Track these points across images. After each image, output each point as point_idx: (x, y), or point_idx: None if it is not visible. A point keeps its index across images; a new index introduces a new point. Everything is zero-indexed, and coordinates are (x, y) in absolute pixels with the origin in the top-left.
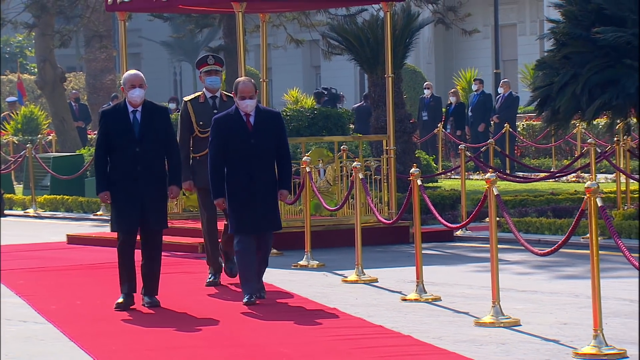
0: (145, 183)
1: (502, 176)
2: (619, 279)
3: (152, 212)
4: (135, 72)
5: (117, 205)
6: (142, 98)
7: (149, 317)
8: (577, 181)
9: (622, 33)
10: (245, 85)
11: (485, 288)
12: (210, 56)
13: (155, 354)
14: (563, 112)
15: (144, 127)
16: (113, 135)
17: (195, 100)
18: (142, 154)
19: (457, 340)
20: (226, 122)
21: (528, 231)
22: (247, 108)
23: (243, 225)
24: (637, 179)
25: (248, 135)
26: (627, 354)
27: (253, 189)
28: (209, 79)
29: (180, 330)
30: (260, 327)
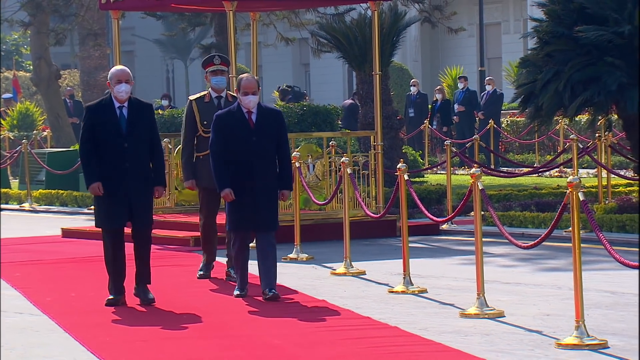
0: (132, 179)
1: (487, 171)
2: (600, 272)
3: (140, 209)
4: (121, 68)
5: (104, 201)
6: (128, 94)
7: (142, 309)
8: (559, 176)
9: (603, 32)
10: (248, 81)
11: (470, 280)
12: (216, 56)
13: (148, 344)
14: (546, 108)
15: (131, 123)
16: (99, 131)
17: (201, 100)
18: (129, 150)
19: (443, 331)
20: (228, 119)
21: (512, 225)
22: (250, 104)
23: (240, 223)
24: (619, 174)
25: (250, 132)
26: (608, 344)
27: (253, 187)
28: (214, 79)
29: (172, 321)
30: (250, 318)
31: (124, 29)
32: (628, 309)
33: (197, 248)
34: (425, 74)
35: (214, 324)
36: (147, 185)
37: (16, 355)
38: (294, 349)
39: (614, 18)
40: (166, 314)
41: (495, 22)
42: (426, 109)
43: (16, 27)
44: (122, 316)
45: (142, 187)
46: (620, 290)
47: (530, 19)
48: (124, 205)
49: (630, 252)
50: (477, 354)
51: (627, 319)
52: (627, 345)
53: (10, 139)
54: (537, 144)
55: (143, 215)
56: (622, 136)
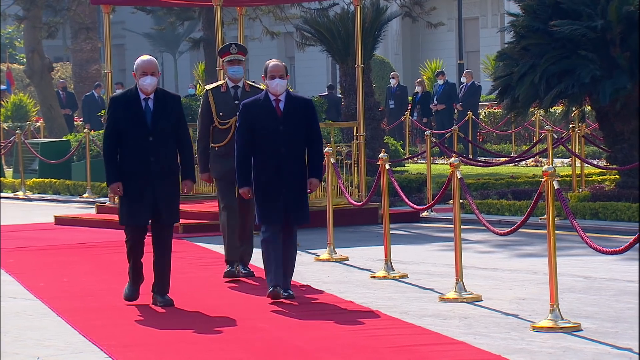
0: (158, 175)
1: (465, 161)
2: (574, 257)
3: (165, 206)
4: (148, 59)
5: (128, 198)
6: (153, 86)
7: (141, 292)
8: (535, 165)
9: (577, 26)
10: (275, 65)
11: (449, 266)
12: (233, 45)
13: (137, 328)
14: (522, 100)
15: (157, 116)
16: (124, 124)
17: (217, 90)
18: (155, 145)
19: (423, 315)
20: (254, 108)
21: (489, 212)
22: (277, 88)
23: (270, 215)
24: (592, 164)
25: (277, 121)
26: (581, 327)
27: (281, 178)
28: (231, 69)
29: (162, 307)
30: (238, 301)
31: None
32: (600, 293)
33: (187, 235)
34: (406, 67)
35: (202, 305)
36: (173, 181)
37: (10, 339)
38: (278, 332)
39: (587, 13)
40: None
41: (473, 16)
42: (406, 101)
43: (10, 21)
44: (114, 301)
45: (167, 183)
46: (593, 275)
47: (507, 13)
48: (148, 202)
49: (602, 239)
50: (456, 337)
51: (599, 302)
52: (600, 328)
53: (5, 130)
54: (513, 134)
55: (168, 213)
56: (595, 127)
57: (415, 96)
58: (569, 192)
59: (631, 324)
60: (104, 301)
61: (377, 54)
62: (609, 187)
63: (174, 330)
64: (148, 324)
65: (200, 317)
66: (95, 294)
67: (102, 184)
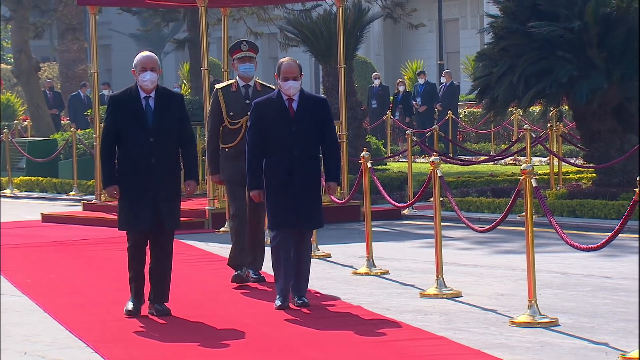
0: (159, 177)
1: (446, 159)
2: (551, 254)
3: (167, 210)
4: (147, 54)
5: (129, 201)
6: (154, 83)
7: (121, 290)
8: (514, 164)
9: (555, 27)
10: (289, 66)
11: (429, 262)
12: (244, 42)
13: (123, 323)
14: (501, 100)
15: (158, 115)
16: (123, 124)
17: (227, 89)
18: (156, 145)
19: (404, 311)
20: (267, 107)
21: (469, 210)
22: (290, 90)
23: (282, 220)
24: (569, 162)
25: (290, 122)
26: (559, 322)
27: (293, 181)
28: (242, 66)
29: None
30: (219, 297)
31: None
32: (577, 289)
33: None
34: (388, 67)
35: (184, 300)
36: (175, 184)
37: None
38: (262, 327)
39: (564, 14)
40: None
41: (453, 18)
42: (388, 101)
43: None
44: (100, 297)
45: (169, 185)
46: (571, 272)
47: (487, 15)
48: (149, 205)
49: (579, 236)
50: (436, 332)
51: (576, 298)
52: (577, 323)
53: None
54: (492, 133)
55: (170, 218)
56: (572, 126)
57: (397, 96)
58: (547, 190)
59: (607, 319)
60: (90, 297)
61: (359, 54)
62: (586, 185)
63: (155, 326)
64: (135, 320)
65: (188, 313)
66: (81, 290)
67: (89, 182)
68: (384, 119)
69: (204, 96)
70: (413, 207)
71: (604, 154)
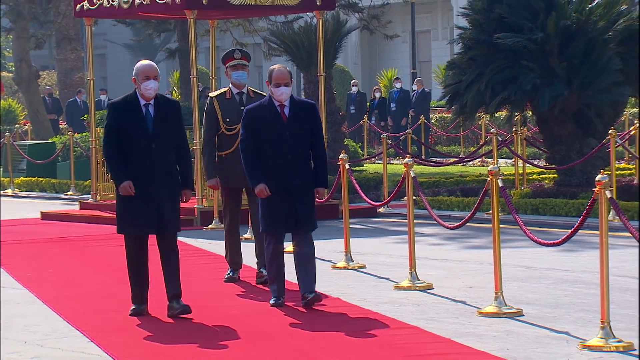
0: (160, 182)
1: (418, 161)
2: (516, 249)
3: (168, 213)
4: (149, 63)
5: (130, 206)
6: (156, 91)
7: (115, 284)
8: (481, 165)
9: (519, 38)
10: (280, 72)
11: (403, 257)
12: (236, 50)
13: (117, 314)
14: (470, 106)
15: (158, 122)
16: (124, 130)
17: (222, 97)
18: (156, 151)
19: (379, 302)
20: (259, 113)
21: (440, 208)
22: (282, 96)
23: (274, 224)
24: (533, 164)
25: (283, 127)
26: (523, 313)
27: (288, 185)
28: (235, 74)
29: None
30: (206, 289)
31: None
32: (540, 282)
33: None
34: (365, 75)
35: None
36: (174, 188)
37: (0, 325)
38: (247, 318)
39: (528, 27)
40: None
41: (425, 29)
42: (365, 106)
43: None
44: (96, 289)
45: (169, 190)
46: (534, 266)
47: (456, 27)
48: (150, 210)
49: (542, 232)
50: (409, 322)
51: (539, 290)
52: (540, 313)
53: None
54: (462, 137)
55: (171, 221)
56: (535, 130)
57: (373, 102)
58: (512, 189)
59: (568, 310)
60: (86, 290)
61: (337, 63)
62: (548, 185)
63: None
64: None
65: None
66: (78, 283)
67: (86, 182)
68: (361, 123)
69: (193, 102)
70: (388, 205)
71: (565, 156)
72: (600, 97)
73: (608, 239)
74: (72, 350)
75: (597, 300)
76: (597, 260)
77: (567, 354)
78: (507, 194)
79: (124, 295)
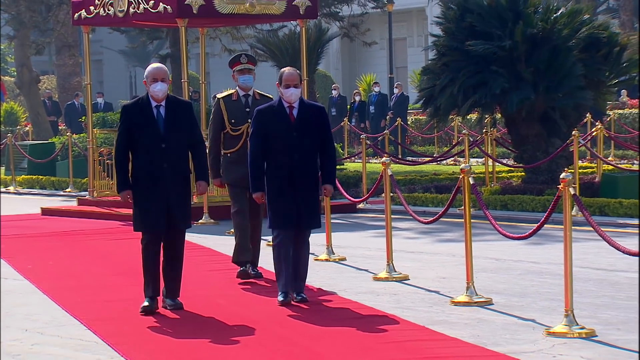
0: (171, 180)
1: (395, 160)
2: (486, 242)
3: (178, 210)
4: (158, 66)
5: (143, 203)
6: (164, 92)
7: (111, 275)
8: (454, 164)
9: (489, 45)
10: (289, 74)
11: (381, 250)
12: (243, 55)
13: (112, 304)
14: (443, 108)
15: (169, 122)
16: (136, 131)
17: (228, 98)
18: (167, 151)
19: (359, 292)
20: (268, 114)
21: (415, 204)
22: (292, 97)
23: (282, 221)
24: (502, 163)
25: (290, 128)
26: (492, 302)
27: (294, 183)
28: (242, 78)
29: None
30: (197, 279)
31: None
32: (509, 273)
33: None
34: (345, 80)
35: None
36: (186, 187)
37: (2, 314)
38: (235, 308)
39: (497, 34)
40: (129, 275)
41: (402, 37)
42: (345, 109)
43: (2, 39)
44: (93, 280)
45: (181, 188)
46: (503, 258)
47: (431, 35)
48: (162, 208)
49: (510, 226)
50: (386, 310)
51: (508, 280)
52: (508, 302)
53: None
54: (436, 137)
55: (182, 217)
56: (504, 131)
57: (353, 105)
58: (483, 186)
59: (534, 299)
60: (84, 281)
61: (320, 68)
62: (516, 182)
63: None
64: (123, 302)
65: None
66: (76, 275)
67: (83, 180)
68: (341, 125)
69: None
70: (367, 201)
71: (532, 155)
72: (564, 100)
73: (572, 233)
74: (70, 337)
75: (561, 290)
76: (561, 252)
77: (533, 340)
78: (477, 191)
79: (119, 285)
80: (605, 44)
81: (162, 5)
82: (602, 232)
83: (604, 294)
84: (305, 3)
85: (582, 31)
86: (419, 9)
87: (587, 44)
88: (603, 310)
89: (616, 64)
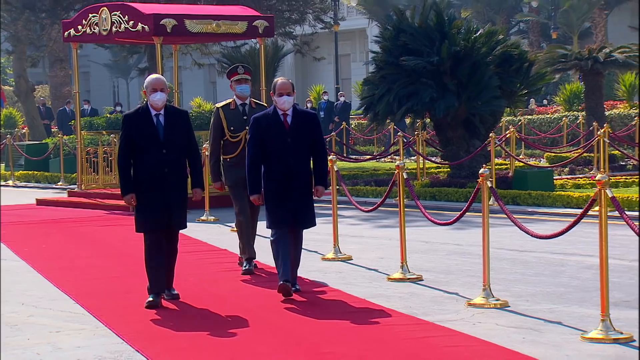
0: (170, 185)
1: (341, 158)
2: (417, 228)
3: (176, 213)
4: (157, 76)
5: (145, 207)
6: (163, 102)
7: (97, 257)
8: (391, 161)
9: (420, 61)
10: (283, 83)
11: (328, 235)
12: (240, 66)
13: (99, 282)
14: (381, 114)
15: (168, 129)
16: (138, 139)
17: (227, 107)
18: (168, 156)
19: (309, 271)
20: (264, 121)
21: (358, 195)
22: (285, 104)
23: (279, 220)
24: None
25: (285, 134)
26: (422, 278)
27: (289, 186)
28: (239, 87)
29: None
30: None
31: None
32: (436, 253)
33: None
34: (298, 90)
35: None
36: (183, 190)
37: (2, 291)
38: (226, 300)
39: (427, 51)
40: (114, 258)
41: (346, 53)
42: None
43: (2, 54)
44: (83, 260)
45: (179, 192)
46: (432, 241)
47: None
48: (163, 209)
49: (438, 214)
50: (333, 286)
51: (435, 260)
52: (436, 279)
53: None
54: (375, 139)
55: (178, 220)
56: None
57: None
58: (415, 180)
59: (458, 276)
60: (73, 262)
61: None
62: (443, 177)
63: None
64: (109, 279)
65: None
66: (66, 256)
67: (73, 175)
68: None
69: None
70: None
71: (456, 154)
72: (483, 107)
73: (489, 220)
74: (61, 310)
75: (480, 268)
76: (480, 236)
77: (456, 310)
78: (410, 184)
79: (105, 266)
80: (517, 60)
81: (141, 25)
82: (514, 218)
83: (516, 271)
84: (263, 24)
85: (498, 49)
86: (360, 29)
87: (501, 60)
88: (515, 284)
89: (526, 77)
